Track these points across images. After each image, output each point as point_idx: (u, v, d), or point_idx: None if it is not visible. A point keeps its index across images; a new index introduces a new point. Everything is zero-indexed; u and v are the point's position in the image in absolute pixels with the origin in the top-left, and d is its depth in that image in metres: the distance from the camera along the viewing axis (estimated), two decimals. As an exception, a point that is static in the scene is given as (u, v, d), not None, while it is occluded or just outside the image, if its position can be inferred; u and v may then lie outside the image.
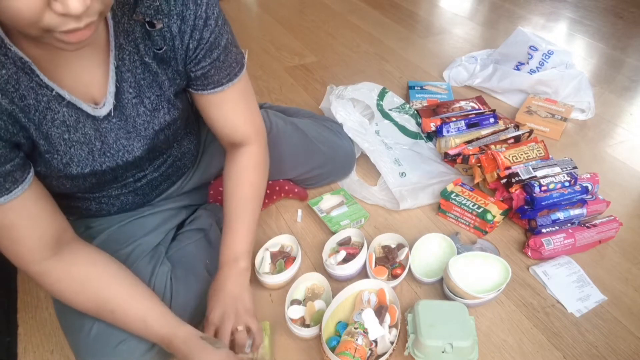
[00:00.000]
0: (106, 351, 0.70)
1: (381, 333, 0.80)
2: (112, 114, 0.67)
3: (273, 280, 0.93)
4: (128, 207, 0.85)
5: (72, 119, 0.63)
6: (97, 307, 0.67)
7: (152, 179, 0.84)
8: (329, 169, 1.15)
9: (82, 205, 0.80)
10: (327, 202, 1.14)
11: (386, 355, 0.78)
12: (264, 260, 0.98)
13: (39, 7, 0.44)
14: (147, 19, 0.63)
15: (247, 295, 0.78)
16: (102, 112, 0.66)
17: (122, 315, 0.67)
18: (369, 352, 0.78)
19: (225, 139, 0.83)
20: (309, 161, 1.09)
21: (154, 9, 0.62)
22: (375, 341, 0.80)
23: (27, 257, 0.64)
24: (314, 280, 0.93)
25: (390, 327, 0.83)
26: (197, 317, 0.88)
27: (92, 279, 0.67)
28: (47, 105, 0.60)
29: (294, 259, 0.97)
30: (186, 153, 0.89)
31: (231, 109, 0.78)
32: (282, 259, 0.98)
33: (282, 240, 1.03)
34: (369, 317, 0.80)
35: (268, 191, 1.10)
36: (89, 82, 0.64)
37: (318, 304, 0.88)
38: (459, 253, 0.98)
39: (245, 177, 0.83)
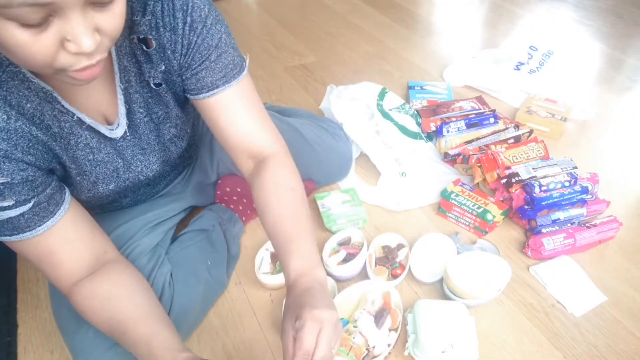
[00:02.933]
0: (103, 353, 0.71)
1: (379, 338, 0.80)
2: (127, 134, 0.70)
3: (273, 280, 0.93)
4: (139, 198, 0.87)
5: (94, 140, 0.66)
6: (111, 328, 0.65)
7: (163, 170, 0.84)
8: (324, 170, 1.14)
9: (98, 207, 0.82)
10: (333, 198, 1.14)
11: (380, 358, 0.78)
12: (263, 260, 0.98)
13: (53, 50, 0.46)
14: (142, 36, 0.63)
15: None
16: (117, 133, 0.68)
17: (132, 337, 0.64)
18: (365, 351, 0.78)
19: (242, 152, 0.75)
20: (303, 161, 1.08)
21: (145, 25, 0.62)
22: (375, 342, 0.80)
23: (66, 279, 0.65)
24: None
25: (390, 330, 0.83)
26: (199, 318, 0.88)
27: (113, 299, 0.66)
28: (70, 130, 0.62)
29: None
30: (190, 145, 0.92)
31: (235, 113, 0.72)
32: None
33: None
34: (365, 323, 0.80)
35: None
36: (101, 104, 0.66)
37: None
38: (459, 253, 0.98)
39: (283, 183, 0.73)
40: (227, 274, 0.96)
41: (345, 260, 0.96)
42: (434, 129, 1.30)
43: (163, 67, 0.67)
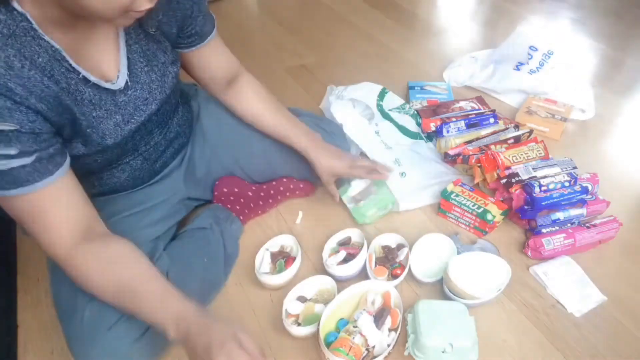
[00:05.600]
0: (96, 338, 0.71)
1: (379, 338, 0.80)
2: (129, 85, 0.74)
3: (273, 280, 0.93)
4: (136, 175, 0.88)
5: (96, 97, 0.69)
6: (119, 287, 0.67)
7: (158, 142, 0.88)
8: None
9: (96, 180, 0.84)
10: (355, 188, 1.11)
11: (380, 358, 0.78)
12: (264, 260, 0.98)
13: None
14: None
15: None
16: (119, 84, 0.72)
17: (141, 294, 0.67)
18: (365, 352, 0.78)
19: (222, 80, 0.95)
20: (300, 160, 1.08)
21: None
22: (374, 342, 0.80)
23: (58, 243, 0.66)
24: (327, 285, 0.93)
25: (390, 330, 0.83)
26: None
27: (116, 261, 0.69)
28: (75, 87, 0.66)
29: (294, 259, 0.97)
30: (184, 121, 0.97)
31: (222, 50, 0.92)
32: (282, 259, 0.98)
33: (283, 241, 1.03)
34: (365, 323, 0.80)
35: (272, 191, 1.10)
36: (102, 62, 0.69)
37: (318, 307, 0.88)
38: (459, 253, 0.98)
39: (262, 90, 1.00)
40: (225, 273, 0.96)
41: (345, 260, 0.96)
42: (434, 129, 1.30)
43: (161, 16, 0.74)
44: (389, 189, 1.10)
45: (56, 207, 0.64)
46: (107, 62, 0.70)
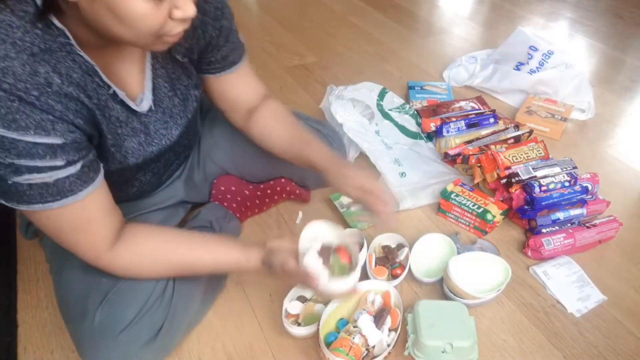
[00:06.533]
0: (108, 342, 0.71)
1: (379, 338, 0.80)
2: (153, 109, 0.74)
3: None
4: (144, 189, 0.89)
5: (124, 115, 0.70)
6: (174, 271, 0.75)
7: (168, 157, 0.89)
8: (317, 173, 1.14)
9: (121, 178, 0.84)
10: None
11: (380, 358, 0.78)
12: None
13: (165, 18, 0.55)
14: None
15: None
16: (143, 107, 0.73)
17: (199, 267, 0.75)
18: (365, 352, 0.78)
19: (244, 111, 0.91)
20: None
21: None
22: (374, 343, 0.80)
23: (100, 247, 0.67)
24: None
25: (390, 330, 0.83)
26: (198, 317, 0.88)
27: (157, 250, 0.72)
28: (105, 103, 0.66)
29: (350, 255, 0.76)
30: (192, 133, 0.96)
31: (247, 79, 0.89)
32: (335, 254, 0.75)
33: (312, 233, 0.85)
34: (365, 323, 0.80)
35: (269, 191, 1.10)
36: (127, 80, 0.70)
37: (318, 307, 0.88)
38: (459, 253, 0.98)
39: (285, 112, 0.94)
40: (224, 275, 0.96)
41: (345, 260, 0.95)
42: (434, 129, 1.30)
43: (187, 45, 0.75)
44: None
45: (98, 213, 0.65)
46: (132, 82, 0.71)
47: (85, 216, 0.64)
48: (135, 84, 0.71)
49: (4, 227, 1.08)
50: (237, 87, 0.88)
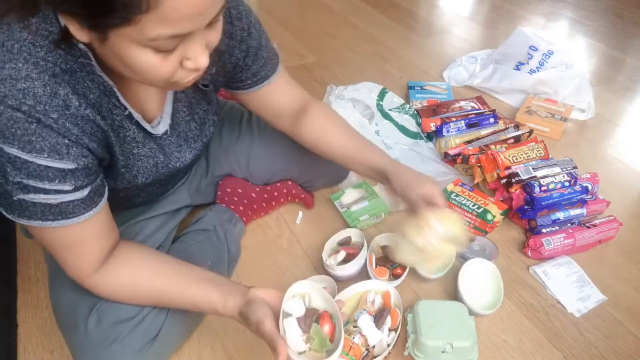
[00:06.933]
0: (101, 351, 0.71)
1: (379, 338, 0.80)
2: (169, 132, 0.73)
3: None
4: (150, 198, 0.89)
5: (140, 135, 0.69)
6: (155, 302, 0.72)
7: (175, 168, 0.86)
8: (322, 174, 1.13)
9: (111, 203, 0.82)
10: (348, 196, 1.14)
11: (380, 358, 0.78)
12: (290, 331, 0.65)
13: (175, 68, 0.53)
14: None
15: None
16: (159, 130, 0.72)
17: (178, 303, 0.71)
18: (365, 352, 0.78)
19: (289, 117, 0.90)
20: (300, 165, 1.08)
21: None
22: (374, 343, 0.80)
23: (86, 270, 0.66)
24: (327, 285, 0.92)
25: (390, 330, 0.83)
26: (199, 318, 0.88)
27: (137, 283, 0.70)
28: (120, 123, 0.65)
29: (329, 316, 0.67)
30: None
31: (284, 88, 0.88)
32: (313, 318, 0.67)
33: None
34: (365, 323, 0.80)
35: (275, 193, 1.09)
36: (147, 102, 0.69)
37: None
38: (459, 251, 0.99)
39: (337, 114, 0.93)
40: (227, 275, 0.96)
41: (346, 260, 0.95)
42: (434, 129, 1.30)
43: (214, 70, 0.73)
44: (381, 199, 1.11)
45: (93, 236, 0.64)
46: (150, 105, 0.70)
47: (79, 237, 0.63)
48: (154, 107, 0.70)
49: (4, 227, 1.08)
50: (274, 99, 0.87)
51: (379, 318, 0.82)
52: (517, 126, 1.31)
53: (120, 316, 0.71)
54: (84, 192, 0.59)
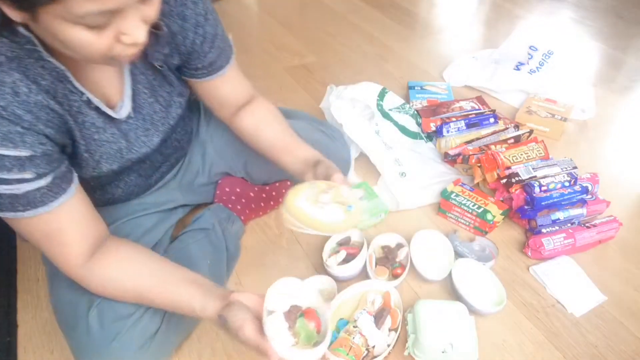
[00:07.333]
0: (101, 350, 0.71)
1: (379, 338, 0.80)
2: (132, 115, 0.73)
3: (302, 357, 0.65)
4: (130, 190, 0.88)
5: (100, 120, 0.68)
6: (138, 300, 0.71)
7: (154, 159, 0.87)
8: None
9: (89, 195, 0.82)
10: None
11: (380, 358, 0.78)
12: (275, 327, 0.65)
13: (111, 44, 0.52)
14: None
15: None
16: (121, 114, 0.71)
17: (159, 302, 0.70)
18: (365, 352, 0.78)
19: (233, 108, 0.90)
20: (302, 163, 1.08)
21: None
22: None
23: (73, 261, 0.66)
24: (327, 285, 0.92)
25: (390, 330, 0.83)
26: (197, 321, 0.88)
27: (122, 279, 0.69)
28: (78, 109, 0.65)
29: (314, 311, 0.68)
30: (182, 134, 0.93)
31: (235, 81, 0.88)
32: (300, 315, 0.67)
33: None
34: (365, 323, 0.80)
35: (274, 193, 1.10)
36: (105, 87, 0.68)
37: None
38: (458, 251, 0.99)
39: (274, 111, 0.93)
40: (226, 274, 0.96)
41: (346, 260, 0.96)
42: (434, 129, 1.30)
43: (167, 50, 0.72)
44: (381, 200, 1.11)
45: (71, 224, 0.64)
46: (110, 88, 0.69)
47: (57, 226, 0.63)
48: (114, 91, 0.70)
49: (4, 227, 1.08)
50: (224, 89, 0.87)
51: (379, 318, 0.82)
52: (517, 126, 1.31)
53: (120, 313, 0.71)
54: (48, 179, 0.59)
